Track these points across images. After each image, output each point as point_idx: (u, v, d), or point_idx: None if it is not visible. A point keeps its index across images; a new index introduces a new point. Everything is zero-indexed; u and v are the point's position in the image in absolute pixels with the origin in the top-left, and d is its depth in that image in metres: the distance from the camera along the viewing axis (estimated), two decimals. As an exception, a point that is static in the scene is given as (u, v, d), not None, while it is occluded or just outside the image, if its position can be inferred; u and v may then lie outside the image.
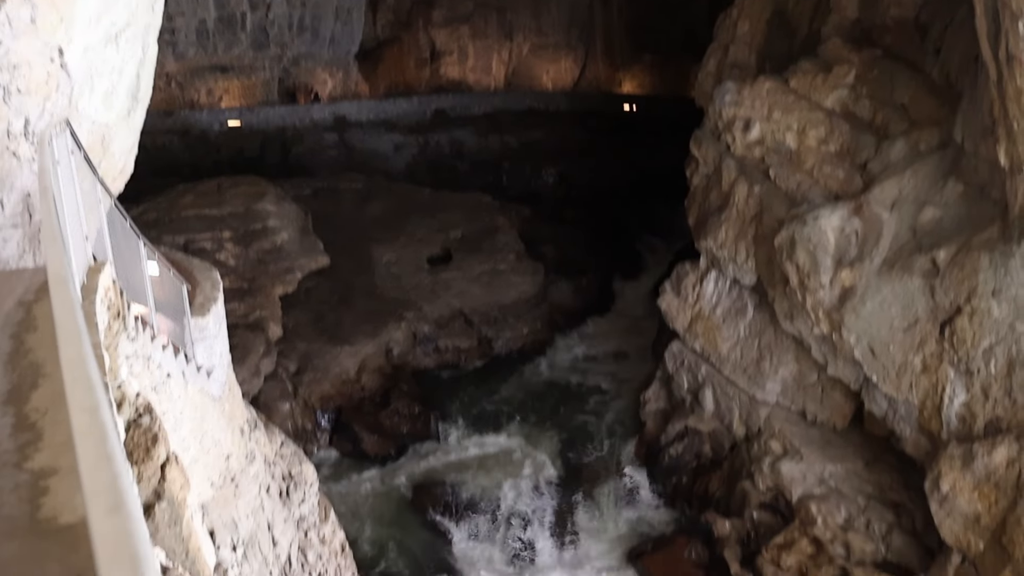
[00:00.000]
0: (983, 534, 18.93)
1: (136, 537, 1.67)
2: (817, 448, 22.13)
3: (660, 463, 23.91)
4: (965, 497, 19.01)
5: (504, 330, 29.90)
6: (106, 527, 1.68)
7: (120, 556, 1.62)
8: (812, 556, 20.38)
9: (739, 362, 23.34)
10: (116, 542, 1.64)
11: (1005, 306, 18.68)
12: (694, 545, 22.02)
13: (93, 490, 1.77)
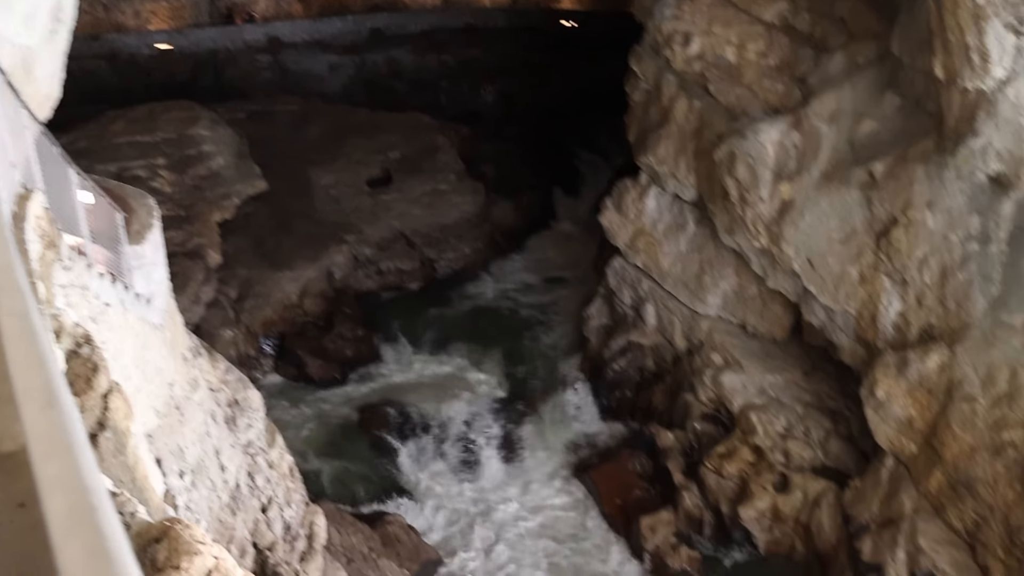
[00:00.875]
0: (915, 438, 19.49)
1: (71, 430, 1.62)
2: (757, 359, 22.52)
3: (604, 378, 24.19)
4: (899, 403, 19.51)
5: (446, 251, 29.80)
6: (41, 422, 1.62)
7: (56, 449, 1.57)
8: (753, 464, 20.88)
9: (680, 277, 23.54)
10: (51, 436, 1.59)
11: (939, 217, 18.99)
12: (638, 457, 22.43)
13: (26, 389, 1.71)
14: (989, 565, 18.39)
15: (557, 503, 22.32)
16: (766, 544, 20.58)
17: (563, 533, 21.60)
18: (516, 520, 21.83)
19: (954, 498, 18.90)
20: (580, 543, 21.35)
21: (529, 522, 21.85)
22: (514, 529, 21.61)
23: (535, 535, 21.52)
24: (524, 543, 21.28)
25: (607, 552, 21.02)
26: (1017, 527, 18.11)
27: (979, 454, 18.67)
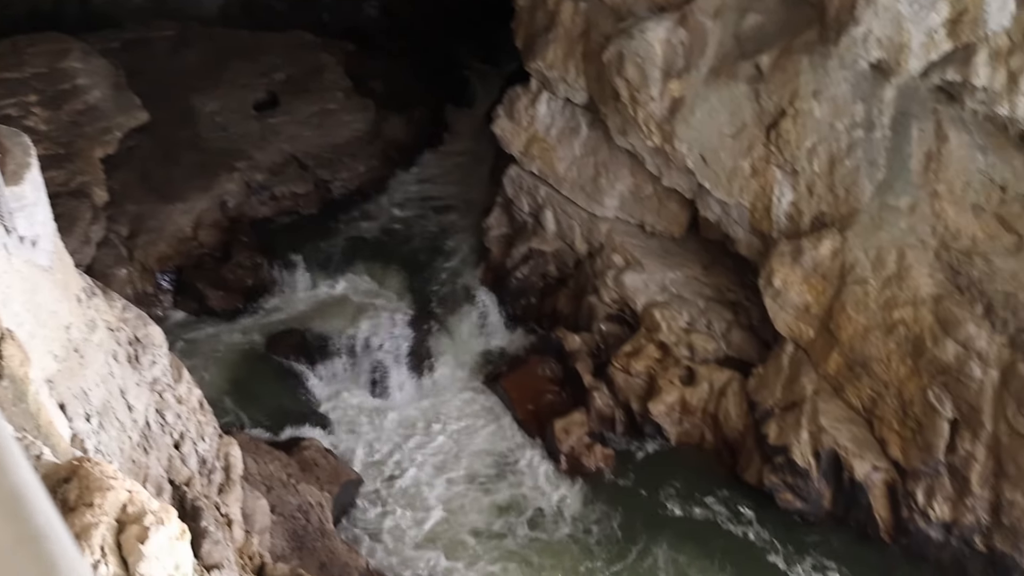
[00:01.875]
0: (813, 322, 20.06)
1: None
2: (657, 258, 22.79)
3: (508, 287, 24.22)
4: (795, 290, 20.00)
5: (340, 171, 29.14)
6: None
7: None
8: (659, 360, 21.27)
9: (577, 181, 23.53)
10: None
11: (825, 106, 19.27)
12: (547, 362, 22.65)
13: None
14: (886, 438, 19.20)
15: (470, 414, 22.51)
16: (677, 436, 21.13)
17: (479, 443, 21.84)
18: (431, 434, 21.98)
19: (851, 378, 19.58)
20: (496, 451, 21.62)
21: (444, 435, 22.02)
22: (430, 443, 21.75)
23: (451, 447, 21.71)
24: (441, 456, 21.46)
25: (524, 457, 21.33)
26: (909, 400, 18.90)
27: (872, 334, 19.32)
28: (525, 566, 19.08)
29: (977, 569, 18.70)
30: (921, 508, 18.75)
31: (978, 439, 18.34)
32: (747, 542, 19.51)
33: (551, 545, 19.48)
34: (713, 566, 18.97)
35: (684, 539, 19.47)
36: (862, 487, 19.14)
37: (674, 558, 19.09)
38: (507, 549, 19.43)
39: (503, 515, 20.16)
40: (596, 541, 19.51)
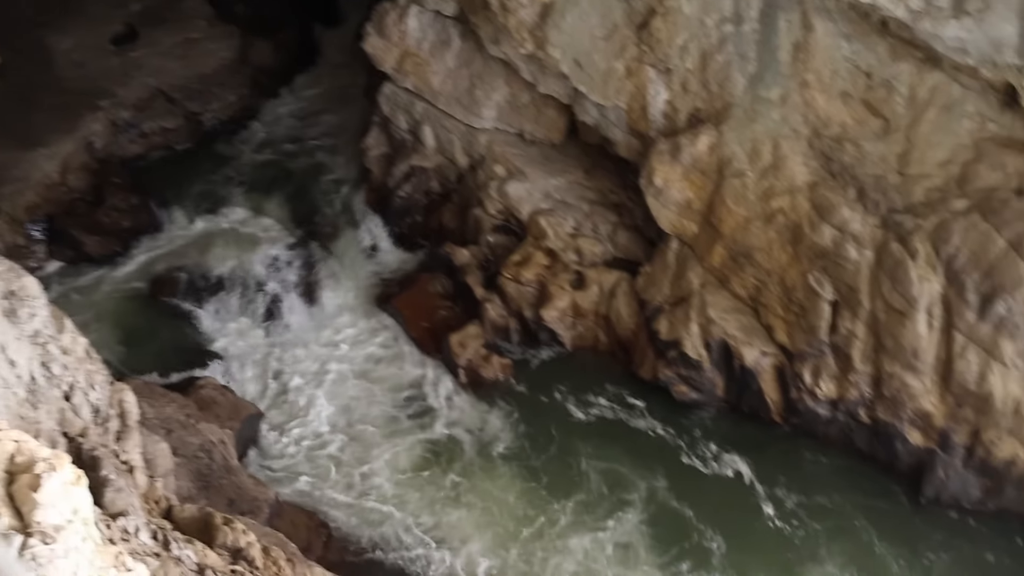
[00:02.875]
0: (695, 218, 20.25)
1: None
2: (539, 165, 22.60)
3: (392, 207, 23.76)
4: (676, 187, 20.11)
5: (210, 103, 28.00)
6: None
7: None
8: (548, 266, 21.25)
9: (452, 94, 23.02)
10: None
11: (694, 2, 19.12)
12: (438, 279, 22.42)
13: None
14: (772, 324, 19.65)
15: (365, 337, 22.21)
16: (571, 340, 21.25)
17: (376, 365, 21.62)
18: (328, 360, 21.63)
19: (735, 268, 19.89)
20: (394, 371, 21.43)
21: (341, 360, 21.71)
22: (328, 370, 21.42)
23: (349, 372, 21.44)
24: (340, 381, 21.18)
25: (422, 375, 21.22)
26: (792, 286, 19.31)
27: (753, 224, 19.61)
28: (433, 482, 19.10)
29: (863, 440, 19.42)
30: (809, 388, 19.32)
31: (857, 318, 18.89)
32: (648, 435, 19.87)
33: (457, 459, 19.54)
34: (618, 461, 19.31)
35: (588, 438, 19.75)
36: (752, 373, 19.62)
37: (580, 458, 19.36)
38: (413, 467, 19.42)
39: (407, 433, 20.09)
40: (503, 450, 19.63)
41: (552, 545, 17.94)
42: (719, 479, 19.21)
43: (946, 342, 18.38)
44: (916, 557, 18.07)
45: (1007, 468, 18.32)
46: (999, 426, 18.27)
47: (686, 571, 17.68)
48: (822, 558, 17.94)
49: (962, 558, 18.11)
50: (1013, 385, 18.10)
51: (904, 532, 18.37)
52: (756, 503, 18.78)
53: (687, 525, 18.34)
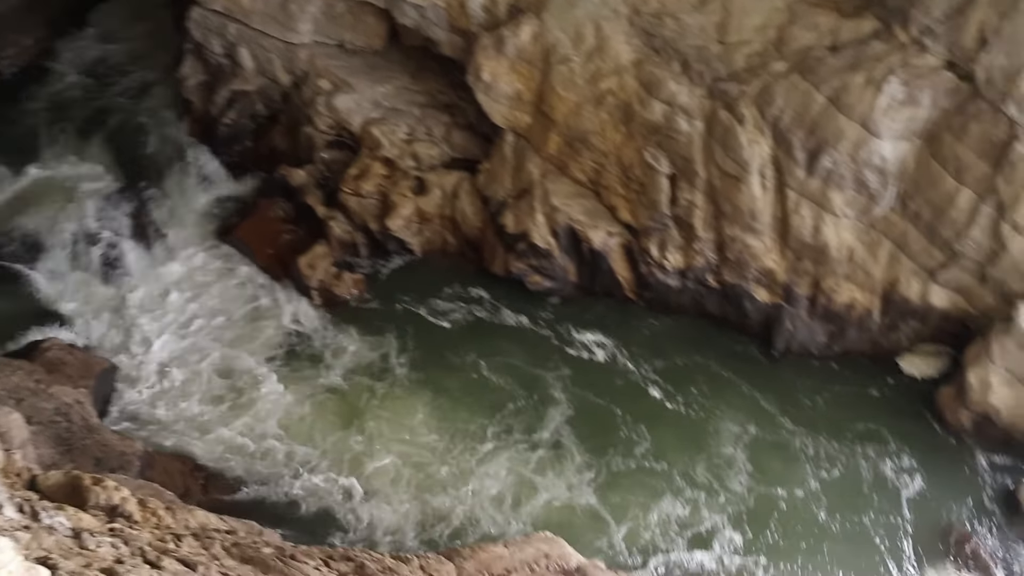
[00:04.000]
0: (527, 109, 20.02)
1: None
2: (364, 75, 21.84)
3: (218, 135, 22.63)
4: (504, 80, 19.78)
5: (5, 48, 25.92)
6: None
7: None
8: (387, 176, 20.73)
9: (265, 11, 21.80)
10: None
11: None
12: (277, 203, 21.59)
13: None
14: (614, 204, 19.75)
15: (212, 273, 21.27)
16: (420, 246, 20.89)
17: (226, 299, 20.77)
18: (177, 301, 20.66)
19: (572, 154, 19.82)
20: (246, 302, 20.68)
21: (190, 300, 20.79)
22: (178, 310, 20.47)
23: (199, 310, 20.51)
24: (191, 320, 20.28)
25: (275, 301, 20.54)
26: (629, 165, 19.40)
27: (584, 108, 19.51)
28: (306, 409, 18.60)
29: (714, 304, 19.91)
30: (657, 261, 19.60)
31: (695, 188, 19.16)
32: (511, 329, 19.83)
33: (325, 381, 19.07)
34: (486, 358, 19.22)
35: (453, 341, 19.55)
36: (601, 254, 19.74)
37: (449, 361, 19.20)
38: (283, 396, 18.87)
39: (270, 363, 19.47)
40: (370, 366, 19.22)
41: (442, 456, 17.73)
42: (589, 362, 19.35)
43: (780, 200, 18.87)
44: (794, 402, 18.84)
45: (848, 312, 19.12)
46: (836, 274, 18.99)
47: (587, 456, 17.78)
48: (716, 416, 18.46)
49: (834, 397, 18.98)
50: (845, 233, 18.78)
51: (773, 383, 19.07)
52: (633, 379, 19.05)
53: (569, 411, 18.44)
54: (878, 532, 16.84)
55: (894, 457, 18.04)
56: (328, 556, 10.60)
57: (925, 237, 18.50)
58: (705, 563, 16.32)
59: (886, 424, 18.51)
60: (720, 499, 17.24)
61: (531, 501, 16.98)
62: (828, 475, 17.68)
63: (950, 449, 18.22)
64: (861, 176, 18.23)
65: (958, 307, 18.73)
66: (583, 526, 16.61)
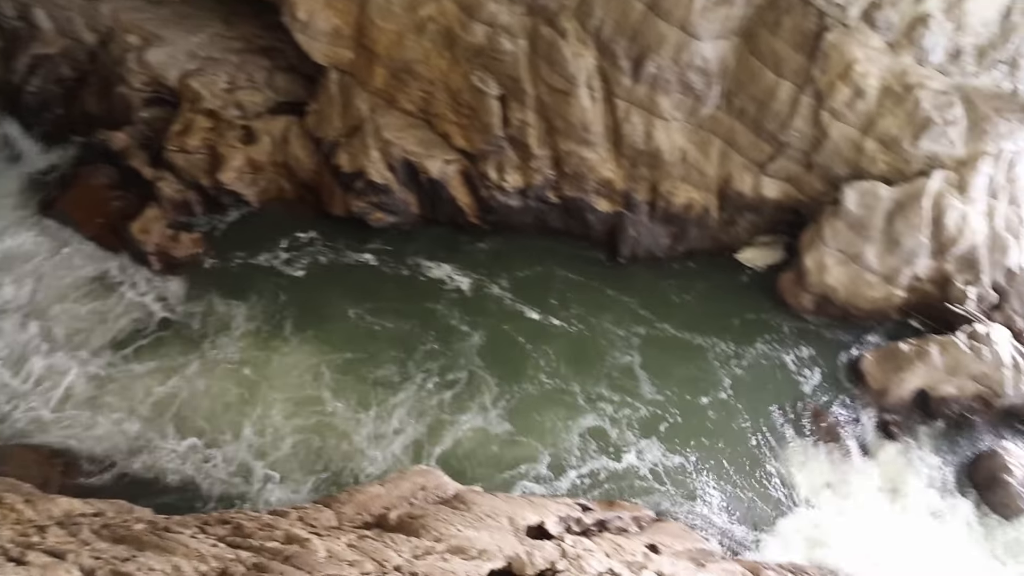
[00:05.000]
0: (348, 44, 19.38)
1: None
2: (174, 26, 20.69)
3: (25, 104, 21.11)
4: (321, 17, 19.08)
5: None
6: None
7: None
8: (212, 128, 19.80)
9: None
10: None
11: None
12: (100, 170, 20.31)
13: None
14: (447, 131, 19.43)
15: (40, 252, 19.92)
16: (256, 196, 20.09)
17: (61, 276, 19.54)
18: (4, 285, 19.44)
19: (400, 86, 19.35)
20: (81, 276, 19.48)
21: (19, 282, 19.50)
22: (8, 297, 19.25)
23: (32, 291, 19.29)
24: (24, 304, 19.01)
25: (113, 272, 19.43)
26: (457, 90, 19.07)
27: (406, 38, 19.01)
28: (166, 376, 17.68)
29: (557, 220, 19.90)
30: (496, 184, 19.42)
31: (526, 106, 18.98)
32: (365, 270, 19.33)
33: (179, 347, 18.06)
34: (338, 302, 18.70)
35: (301, 288, 18.94)
36: (440, 183, 19.41)
37: (299, 308, 18.56)
38: (138, 368, 17.89)
39: (119, 337, 18.23)
40: (224, 325, 18.35)
41: (332, 406, 17.00)
42: (457, 292, 19.10)
43: (610, 111, 18.89)
44: (657, 303, 19.16)
45: (687, 212, 19.43)
46: (672, 176, 19.22)
47: (493, 386, 17.52)
48: (598, 327, 18.57)
49: (689, 295, 19.42)
50: (676, 136, 18.98)
51: (634, 288, 19.29)
52: (507, 304, 18.95)
53: (459, 345, 18.14)
54: (746, 416, 17.37)
55: (753, 345, 18.57)
56: (204, 523, 10.22)
57: (752, 132, 18.86)
58: (616, 467, 16.41)
59: (739, 316, 19.04)
60: (618, 400, 17.42)
61: (442, 438, 16.53)
62: (699, 368, 18.08)
63: (798, 331, 18.92)
64: (685, 78, 18.38)
65: (789, 196, 19.26)
66: (501, 452, 16.39)
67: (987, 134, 18.18)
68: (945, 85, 18.12)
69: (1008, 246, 18.82)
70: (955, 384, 17.69)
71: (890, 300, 18.91)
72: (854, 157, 18.44)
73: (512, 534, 11.62)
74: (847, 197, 18.37)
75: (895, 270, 18.65)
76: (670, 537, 13.65)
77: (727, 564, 13.27)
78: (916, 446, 17.30)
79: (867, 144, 18.32)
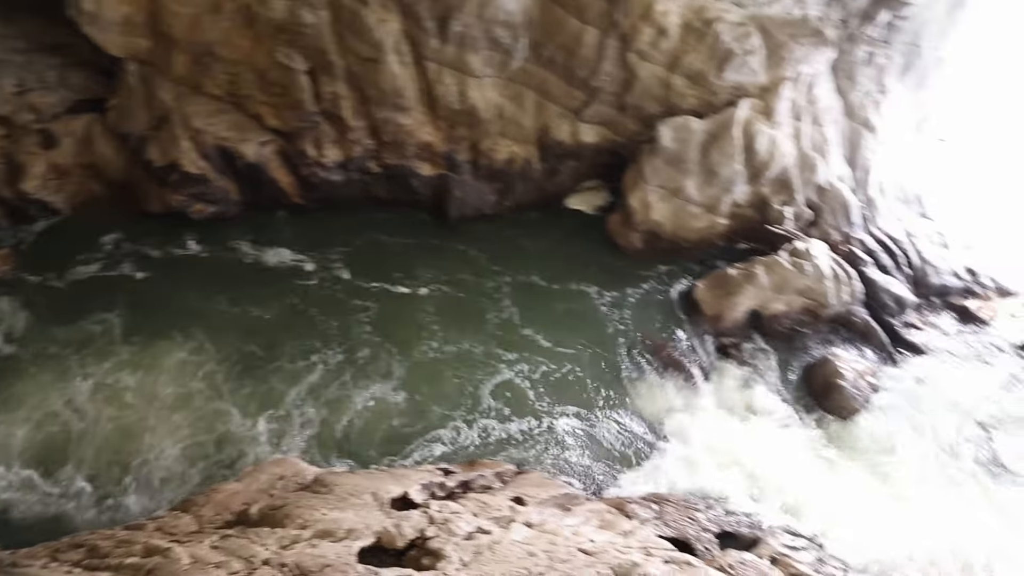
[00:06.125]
0: (142, 32, 18.45)
1: None
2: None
3: None
4: (109, 6, 18.08)
5: None
6: None
7: None
8: (7, 136, 18.46)
9: None
10: None
11: None
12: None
13: None
14: (259, 112, 18.80)
15: None
16: (66, 202, 18.90)
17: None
18: None
19: (203, 71, 18.58)
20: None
21: None
22: None
23: None
24: None
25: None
26: (264, 69, 18.43)
27: (203, 19, 18.23)
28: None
29: (382, 189, 19.55)
30: (315, 160, 18.91)
31: (336, 78, 18.49)
32: (194, 264, 18.34)
33: (11, 377, 16.93)
34: (180, 301, 17.62)
35: (137, 292, 17.77)
36: (258, 167, 18.75)
37: (141, 313, 17.39)
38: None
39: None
40: (35, 344, 17.24)
41: (148, 409, 15.84)
42: (290, 275, 18.35)
43: (422, 73, 18.63)
44: (516, 249, 19.20)
45: (509, 167, 19.42)
46: (491, 133, 19.15)
47: (378, 360, 16.97)
48: (464, 286, 18.28)
49: (530, 242, 19.45)
50: (489, 92, 18.89)
51: (480, 243, 19.12)
52: (354, 281, 18.31)
53: (324, 329, 17.38)
54: (592, 359, 17.49)
55: (591, 287, 18.74)
56: (55, 550, 9.69)
57: (564, 80, 18.95)
58: (478, 425, 16.26)
59: (575, 261, 19.17)
60: (495, 350, 17.29)
61: (335, 421, 15.80)
62: (541, 316, 18.03)
63: (631, 269, 19.20)
64: (492, 34, 18.28)
65: (607, 139, 19.49)
66: (399, 424, 15.85)
67: (785, 60, 18.79)
68: (741, 16, 18.62)
69: (816, 164, 19.58)
70: (783, 301, 18.36)
71: (714, 228, 19.45)
72: (664, 95, 18.77)
73: (378, 509, 11.47)
74: (662, 134, 18.72)
75: (715, 199, 19.17)
76: (534, 487, 13.72)
77: (592, 504, 13.44)
78: (755, 364, 17.90)
79: (675, 81, 18.67)
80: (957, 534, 15.07)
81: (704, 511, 14.57)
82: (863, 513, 15.28)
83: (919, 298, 19.71)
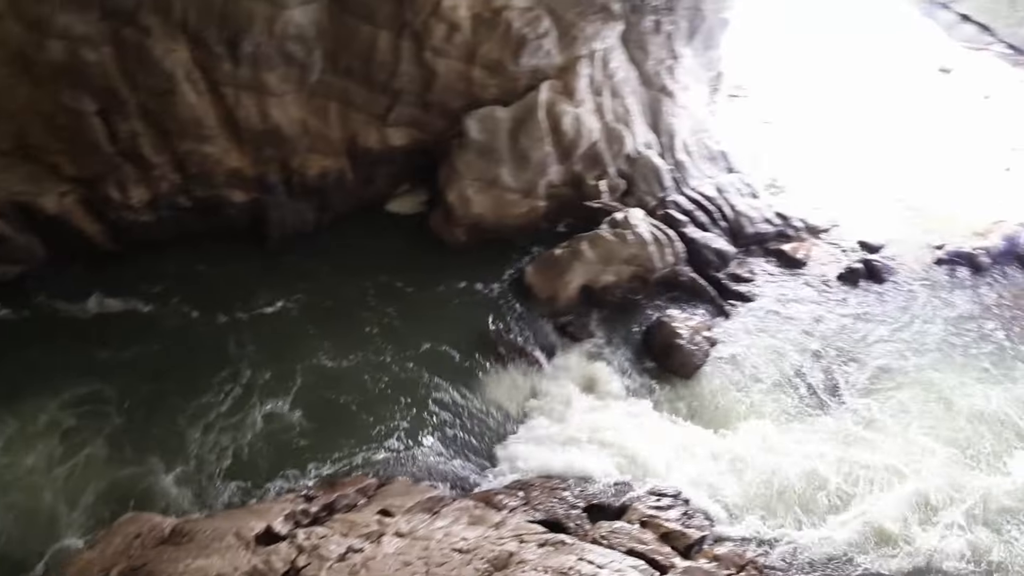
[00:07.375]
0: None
1: None
2: None
3: None
4: None
5: None
6: None
7: None
8: None
9: None
10: None
11: None
12: None
13: None
14: (54, 161, 17.84)
15: None
16: None
17: None
18: None
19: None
20: None
21: None
22: None
23: None
24: None
25: None
26: (50, 115, 17.41)
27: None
28: None
29: (198, 223, 18.62)
30: (122, 203, 17.96)
31: (130, 115, 17.64)
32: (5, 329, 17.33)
33: None
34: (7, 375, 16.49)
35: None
36: (62, 219, 17.62)
37: None
38: None
39: None
40: None
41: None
42: (123, 325, 17.22)
43: (219, 99, 18.10)
44: (339, 261, 18.79)
45: (323, 181, 19.11)
46: (299, 150, 18.81)
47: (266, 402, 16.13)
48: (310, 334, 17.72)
49: (353, 252, 19.08)
50: (291, 109, 18.55)
51: (298, 266, 18.65)
52: (200, 317, 17.51)
53: (156, 379, 16.18)
54: (435, 359, 17.40)
55: (423, 288, 18.59)
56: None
57: (364, 87, 18.80)
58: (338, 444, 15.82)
59: (403, 265, 18.95)
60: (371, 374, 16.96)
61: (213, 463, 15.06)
62: (371, 329, 17.78)
63: (460, 264, 19.21)
64: (285, 50, 17.95)
65: (416, 140, 19.48)
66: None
67: (577, 39, 19.17)
68: (529, 2, 18.86)
69: (623, 135, 20.07)
70: (612, 272, 18.75)
71: (535, 212, 19.69)
72: (466, 88, 18.86)
73: (243, 548, 11.18)
74: (469, 127, 18.81)
75: (531, 183, 19.41)
76: (399, 497, 13.64)
77: (459, 503, 13.47)
78: (596, 338, 18.21)
79: (475, 73, 18.79)
80: (800, 464, 15.75)
81: (570, 489, 14.77)
82: (717, 462, 15.76)
83: (738, 249, 20.46)
